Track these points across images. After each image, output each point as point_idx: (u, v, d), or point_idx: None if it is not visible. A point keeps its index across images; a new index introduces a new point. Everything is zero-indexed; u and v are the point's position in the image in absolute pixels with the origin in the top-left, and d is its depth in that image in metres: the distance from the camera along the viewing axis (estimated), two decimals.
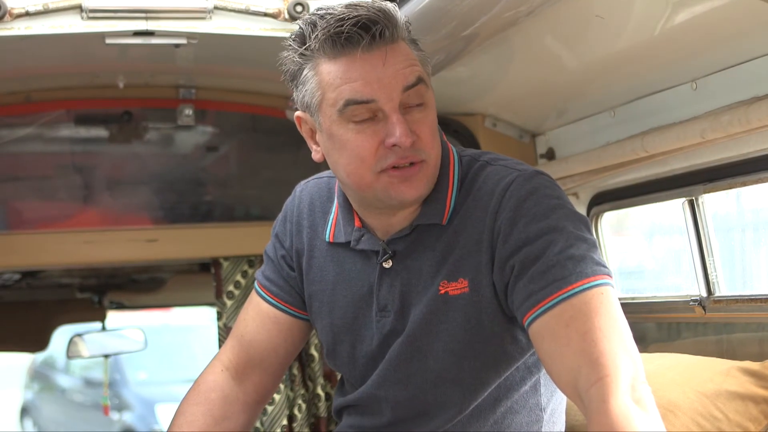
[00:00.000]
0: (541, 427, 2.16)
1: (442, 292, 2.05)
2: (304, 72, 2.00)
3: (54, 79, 3.44)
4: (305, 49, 1.98)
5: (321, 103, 1.99)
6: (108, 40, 2.80)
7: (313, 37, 1.96)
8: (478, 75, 3.00)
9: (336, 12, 1.94)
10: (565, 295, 1.87)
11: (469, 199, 2.05)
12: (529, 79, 2.98)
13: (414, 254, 2.09)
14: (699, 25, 2.23)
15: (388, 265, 2.11)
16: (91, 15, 2.69)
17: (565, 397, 2.22)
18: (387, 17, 1.95)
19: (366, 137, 1.96)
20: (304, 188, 2.31)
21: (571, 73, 2.81)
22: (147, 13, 2.75)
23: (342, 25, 1.92)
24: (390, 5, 1.99)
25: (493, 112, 3.34)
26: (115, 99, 3.59)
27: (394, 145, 1.95)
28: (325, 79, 1.97)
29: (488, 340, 2.05)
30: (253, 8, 2.78)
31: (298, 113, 2.08)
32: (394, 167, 1.97)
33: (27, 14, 2.64)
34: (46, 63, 3.17)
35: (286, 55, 2.03)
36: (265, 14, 2.79)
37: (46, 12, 2.66)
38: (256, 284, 2.37)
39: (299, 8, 2.76)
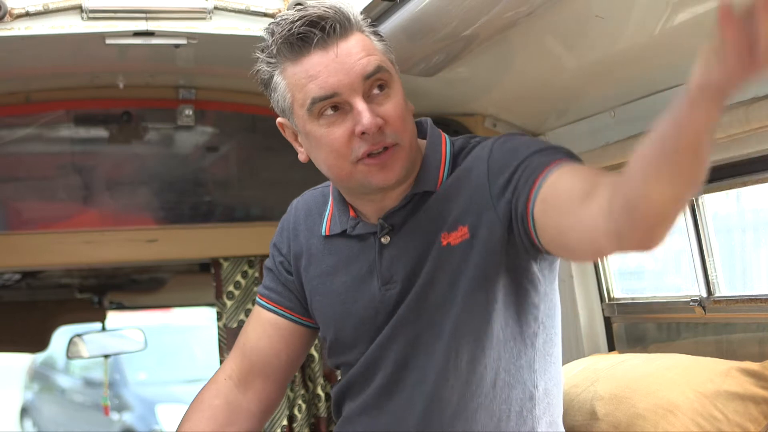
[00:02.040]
0: (535, 405, 2.16)
1: (445, 243, 2.10)
2: (275, 78, 2.08)
3: (54, 80, 3.43)
4: (269, 56, 2.07)
5: (293, 106, 2.06)
6: (108, 41, 2.80)
7: (272, 42, 2.05)
8: (478, 75, 3.00)
9: (288, 16, 2.04)
10: (553, 168, 1.93)
11: (460, 169, 2.13)
12: (529, 79, 2.98)
13: (412, 220, 2.14)
14: (699, 25, 2.23)
15: (386, 240, 2.15)
16: (91, 15, 2.69)
17: (561, 381, 2.23)
18: (337, 12, 2.02)
19: (336, 130, 2.03)
20: (299, 201, 2.38)
21: (571, 73, 2.81)
22: (147, 14, 2.75)
23: (293, 27, 2.01)
24: (342, 1, 2.06)
25: (493, 112, 3.34)
26: (115, 99, 3.59)
27: (363, 133, 2.00)
28: (291, 82, 2.05)
29: (493, 285, 2.08)
30: (253, 8, 2.79)
31: (279, 120, 2.15)
32: (369, 155, 2.02)
33: (27, 14, 2.65)
34: (46, 63, 3.17)
35: (257, 66, 2.11)
36: (265, 14, 2.79)
37: (46, 12, 2.66)
38: (257, 298, 2.40)
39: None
